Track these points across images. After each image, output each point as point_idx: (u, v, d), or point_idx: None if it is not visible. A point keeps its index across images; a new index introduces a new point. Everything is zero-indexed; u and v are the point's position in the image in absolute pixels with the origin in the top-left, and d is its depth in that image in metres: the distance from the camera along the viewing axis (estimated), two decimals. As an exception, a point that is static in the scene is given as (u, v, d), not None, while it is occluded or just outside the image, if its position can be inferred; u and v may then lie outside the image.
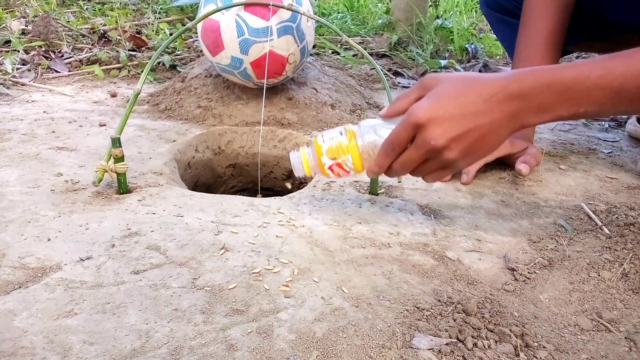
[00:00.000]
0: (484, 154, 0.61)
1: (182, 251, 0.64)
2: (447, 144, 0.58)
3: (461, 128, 0.57)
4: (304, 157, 0.68)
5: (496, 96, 0.57)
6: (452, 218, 0.76)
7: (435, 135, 0.57)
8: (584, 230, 0.74)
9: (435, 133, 0.57)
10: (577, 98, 0.56)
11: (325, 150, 0.66)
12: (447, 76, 0.60)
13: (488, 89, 0.58)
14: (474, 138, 0.58)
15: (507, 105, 0.57)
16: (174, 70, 1.52)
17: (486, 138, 0.58)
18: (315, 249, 0.66)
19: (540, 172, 0.92)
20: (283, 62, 1.07)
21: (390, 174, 0.65)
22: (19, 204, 0.73)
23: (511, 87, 0.57)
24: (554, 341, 0.53)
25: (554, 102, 0.56)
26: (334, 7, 2.44)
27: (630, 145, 1.10)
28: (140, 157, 0.93)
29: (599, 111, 0.57)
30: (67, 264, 0.60)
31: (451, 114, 0.57)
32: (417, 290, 0.59)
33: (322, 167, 0.67)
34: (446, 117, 0.57)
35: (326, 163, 0.67)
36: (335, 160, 0.66)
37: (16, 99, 1.24)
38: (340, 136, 0.66)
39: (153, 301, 0.54)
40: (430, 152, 0.59)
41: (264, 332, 0.50)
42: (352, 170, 0.67)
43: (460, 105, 0.57)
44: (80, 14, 1.99)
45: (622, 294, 0.60)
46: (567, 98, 0.56)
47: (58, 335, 0.49)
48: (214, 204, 0.77)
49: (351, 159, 0.66)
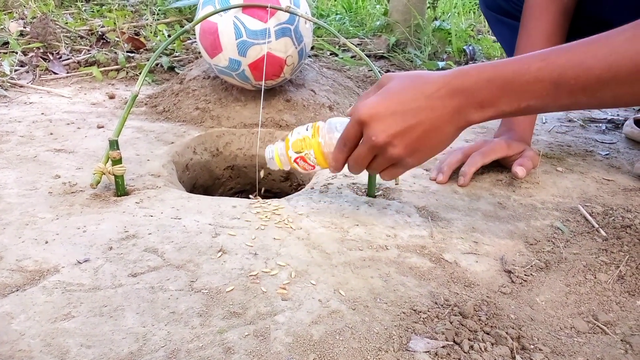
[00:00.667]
0: (432, 150, 0.61)
1: (180, 254, 0.64)
2: (389, 140, 0.59)
3: (402, 124, 0.58)
4: (275, 151, 0.73)
5: (438, 92, 0.58)
6: (449, 220, 0.76)
7: (376, 132, 0.59)
8: (580, 232, 0.74)
9: (376, 129, 0.59)
10: (518, 92, 0.55)
11: (292, 144, 0.71)
12: (398, 74, 0.61)
13: (430, 85, 0.58)
14: (416, 134, 0.59)
15: (449, 101, 0.57)
16: (172, 72, 1.52)
17: (430, 134, 0.59)
18: (312, 251, 0.66)
19: (537, 174, 0.93)
20: (281, 64, 1.08)
21: (350, 169, 0.67)
22: (16, 206, 0.73)
23: (453, 82, 0.57)
24: (550, 343, 0.53)
25: (495, 96, 0.56)
26: (332, 9, 2.44)
27: (627, 147, 1.10)
28: (138, 159, 0.93)
29: (542, 105, 0.56)
30: (65, 266, 0.60)
31: (393, 110, 0.58)
32: (414, 293, 0.59)
33: (289, 160, 0.72)
34: (387, 114, 0.58)
35: (292, 156, 0.71)
36: (300, 154, 0.70)
37: (14, 101, 1.24)
38: (306, 131, 0.70)
39: (150, 304, 0.54)
40: (374, 148, 0.60)
41: (261, 335, 0.51)
42: (316, 165, 0.71)
43: (402, 102, 0.58)
44: (79, 16, 1.99)
45: (618, 296, 0.61)
46: (508, 92, 0.56)
47: (55, 339, 0.49)
48: (211, 206, 0.77)
49: (313, 153, 0.69)
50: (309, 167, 0.71)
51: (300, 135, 0.70)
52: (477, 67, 0.57)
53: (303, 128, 0.71)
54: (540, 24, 0.92)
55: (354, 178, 0.89)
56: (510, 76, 0.55)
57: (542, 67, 0.54)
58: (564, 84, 0.53)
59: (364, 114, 0.59)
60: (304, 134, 0.70)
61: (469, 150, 0.90)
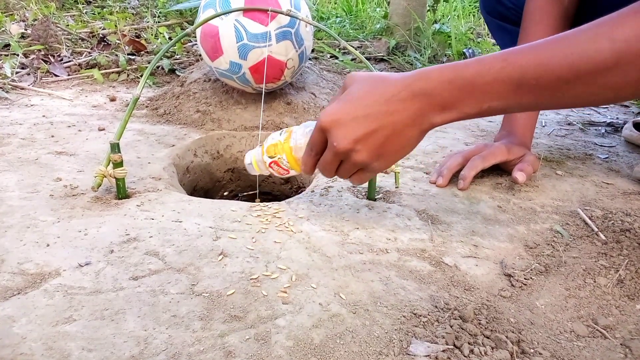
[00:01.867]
0: (397, 154, 0.61)
1: (181, 257, 0.64)
2: (351, 146, 0.58)
3: (364, 130, 0.58)
4: (253, 157, 0.73)
5: (399, 95, 0.57)
6: (449, 224, 0.77)
7: (338, 138, 0.59)
8: (580, 236, 0.74)
9: (337, 136, 0.59)
10: (480, 93, 0.55)
11: (266, 149, 0.71)
12: (360, 76, 0.61)
13: (391, 88, 0.58)
14: (379, 139, 0.58)
15: (410, 104, 0.57)
16: (172, 75, 1.53)
17: (392, 139, 0.58)
18: (313, 254, 0.66)
19: (536, 177, 0.93)
20: (282, 67, 1.08)
21: (322, 174, 0.66)
22: (18, 209, 0.73)
23: (413, 85, 0.57)
24: (550, 347, 0.53)
25: (457, 98, 0.56)
26: (333, 12, 2.45)
27: (626, 151, 1.11)
28: (139, 161, 0.93)
29: (504, 106, 0.55)
30: (66, 269, 0.60)
31: (354, 116, 0.58)
32: (414, 297, 0.59)
33: (265, 165, 0.72)
34: (348, 120, 0.58)
35: (266, 161, 0.71)
36: (273, 158, 0.71)
37: (15, 103, 1.24)
38: (279, 136, 0.70)
39: (151, 307, 0.55)
40: (338, 154, 0.60)
41: (261, 339, 0.51)
42: (290, 169, 0.70)
43: (363, 106, 0.58)
44: (80, 18, 1.99)
45: (617, 300, 0.61)
46: (469, 93, 0.55)
47: (57, 342, 0.49)
48: (212, 209, 0.77)
49: (286, 158, 0.69)
50: (284, 171, 0.71)
51: (274, 141, 0.70)
52: (438, 69, 0.57)
53: (277, 133, 0.71)
54: (541, 28, 0.92)
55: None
56: (471, 77, 0.55)
57: (504, 67, 0.54)
58: (525, 84, 0.53)
59: (325, 121, 0.59)
60: (277, 139, 0.70)
61: (469, 154, 0.90)
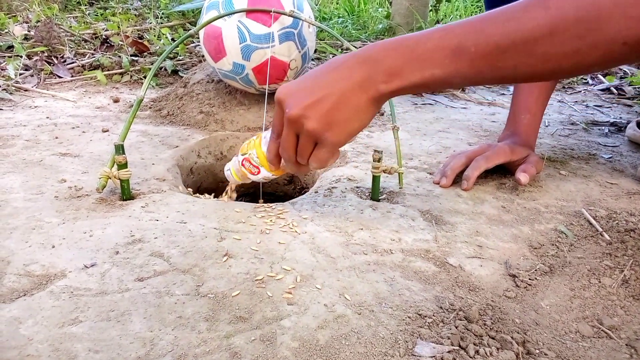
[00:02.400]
0: (347, 124, 0.61)
1: (186, 258, 0.64)
2: (301, 112, 0.60)
3: (313, 96, 0.60)
4: (232, 167, 0.77)
5: (346, 63, 0.60)
6: (453, 224, 0.77)
7: (290, 105, 0.61)
8: (584, 236, 0.74)
9: (289, 104, 0.61)
10: (420, 60, 0.56)
11: (240, 148, 0.75)
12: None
13: (340, 59, 0.61)
14: (328, 105, 0.60)
15: (357, 70, 0.59)
16: (175, 76, 1.53)
17: (341, 105, 0.60)
18: (317, 255, 0.66)
19: (540, 177, 0.93)
20: (285, 68, 1.08)
21: (284, 161, 0.68)
22: (23, 211, 0.74)
23: (359, 53, 0.60)
24: (555, 348, 0.53)
25: (400, 64, 0.57)
26: (335, 12, 2.45)
27: (630, 150, 1.10)
28: (143, 163, 0.94)
29: (446, 75, 0.56)
30: (72, 271, 0.61)
31: (304, 86, 0.61)
32: (419, 297, 0.59)
33: (238, 164, 0.75)
34: (300, 89, 0.61)
35: (240, 160, 0.75)
36: (244, 155, 0.74)
37: (19, 105, 1.25)
38: (253, 136, 0.75)
39: (157, 309, 0.55)
40: (291, 124, 0.62)
41: (267, 340, 0.51)
42: (260, 167, 0.73)
43: (314, 77, 0.61)
44: (83, 19, 2.00)
45: (622, 300, 0.61)
46: (411, 60, 0.57)
47: (63, 343, 0.49)
48: (216, 210, 0.77)
49: (255, 153, 0.72)
50: (254, 168, 0.73)
51: (246, 142, 0.75)
52: (384, 40, 0.60)
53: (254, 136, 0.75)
54: None
55: (358, 181, 0.89)
56: (413, 44, 0.57)
57: (443, 35, 0.55)
58: (464, 51, 0.54)
59: (279, 93, 0.62)
60: (251, 138, 0.74)
61: (473, 154, 0.90)
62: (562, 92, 1.70)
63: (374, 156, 0.81)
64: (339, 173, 0.93)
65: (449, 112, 1.41)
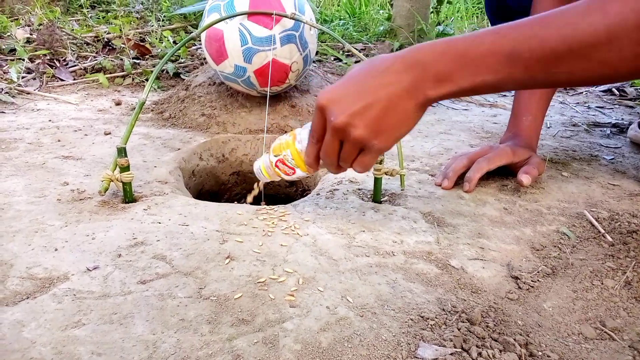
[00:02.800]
0: (395, 130, 0.60)
1: (188, 260, 0.64)
2: (348, 120, 0.58)
3: (359, 103, 0.57)
4: (262, 162, 0.74)
5: (393, 67, 0.57)
6: (455, 226, 0.77)
7: (335, 113, 0.58)
8: (586, 238, 0.74)
9: (335, 111, 0.58)
10: (472, 65, 0.55)
11: (272, 148, 0.72)
12: (358, 63, 0.62)
13: (385, 62, 0.58)
14: (375, 112, 0.58)
15: (405, 75, 0.57)
16: (177, 78, 1.53)
17: (389, 112, 0.58)
18: (319, 257, 0.66)
19: (542, 179, 0.93)
20: (286, 71, 1.08)
21: (325, 165, 0.66)
22: (25, 214, 0.74)
23: (407, 56, 0.57)
24: (558, 350, 0.53)
25: (450, 69, 0.55)
26: (336, 14, 2.45)
27: (632, 152, 1.10)
28: (145, 165, 0.94)
29: (498, 81, 0.55)
30: (75, 274, 0.61)
31: (349, 91, 0.58)
32: (421, 299, 0.59)
33: (271, 165, 0.73)
34: (344, 95, 0.58)
35: (273, 161, 0.72)
36: (278, 156, 0.71)
37: (22, 108, 1.25)
38: (286, 135, 0.71)
39: (160, 311, 0.55)
40: (336, 132, 0.60)
41: (269, 342, 0.51)
42: (295, 167, 0.71)
43: (358, 82, 0.58)
44: (84, 22, 2.00)
45: (625, 302, 0.61)
46: (462, 65, 0.55)
47: (66, 346, 0.49)
48: (218, 212, 0.77)
49: (290, 154, 0.70)
50: (289, 170, 0.71)
51: (281, 140, 0.72)
52: (430, 43, 0.57)
53: (286, 135, 0.72)
54: None
55: (360, 183, 0.90)
56: (463, 49, 0.55)
57: (496, 40, 0.53)
58: (518, 57, 0.53)
59: (322, 99, 0.59)
60: (284, 138, 0.71)
61: (474, 156, 0.90)
62: (563, 93, 1.70)
63: (376, 158, 0.81)
64: (341, 175, 0.93)
65: (451, 114, 1.41)
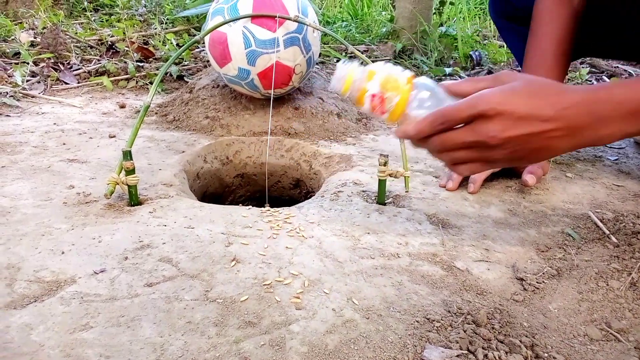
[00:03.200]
0: (532, 161, 0.60)
1: (194, 263, 0.65)
2: (503, 142, 0.56)
3: (523, 130, 0.55)
4: (351, 73, 0.62)
5: (569, 109, 0.55)
6: (460, 227, 0.77)
7: (496, 130, 0.55)
8: (591, 239, 0.74)
9: (496, 128, 0.55)
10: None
11: (380, 77, 0.61)
12: (525, 75, 0.58)
13: (562, 98, 0.56)
14: (532, 144, 0.56)
15: (575, 119, 0.55)
16: (181, 81, 1.54)
17: (543, 147, 0.57)
18: (325, 259, 0.67)
19: (547, 180, 0.93)
20: (290, 73, 1.09)
21: (421, 144, 0.61)
22: (32, 217, 0.74)
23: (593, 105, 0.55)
24: (564, 351, 0.53)
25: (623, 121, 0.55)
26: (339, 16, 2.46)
27: (636, 152, 1.10)
28: (150, 168, 0.94)
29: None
30: (82, 277, 0.61)
31: (519, 114, 0.55)
32: (426, 301, 0.59)
33: (362, 92, 0.61)
34: (514, 116, 0.55)
35: (370, 89, 0.61)
36: (382, 92, 0.60)
37: (26, 111, 1.26)
38: (402, 73, 0.61)
39: (167, 314, 0.55)
40: (482, 143, 0.56)
41: (276, 345, 0.51)
42: (388, 113, 0.61)
43: (531, 107, 0.55)
44: (88, 26, 2.01)
45: (630, 303, 0.61)
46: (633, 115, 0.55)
47: (75, 349, 0.50)
48: (223, 215, 0.78)
49: (397, 101, 0.60)
50: (380, 110, 0.61)
51: (393, 74, 0.61)
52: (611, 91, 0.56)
53: (396, 68, 0.62)
54: (550, 29, 0.91)
55: (364, 185, 0.90)
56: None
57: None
58: None
59: (490, 109, 0.55)
60: (398, 74, 0.61)
61: (479, 158, 0.90)
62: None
63: (380, 160, 0.81)
64: (345, 177, 0.93)
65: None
